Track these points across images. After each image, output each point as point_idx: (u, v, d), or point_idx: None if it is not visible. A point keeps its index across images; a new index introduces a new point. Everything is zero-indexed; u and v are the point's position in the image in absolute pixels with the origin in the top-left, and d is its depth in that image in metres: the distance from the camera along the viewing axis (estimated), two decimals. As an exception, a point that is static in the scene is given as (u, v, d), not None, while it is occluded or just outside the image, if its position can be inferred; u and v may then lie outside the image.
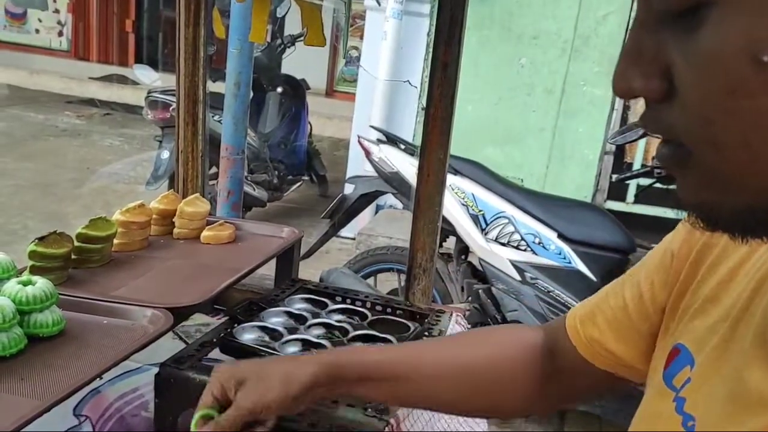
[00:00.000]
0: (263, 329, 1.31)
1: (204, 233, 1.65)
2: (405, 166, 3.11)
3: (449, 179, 2.64)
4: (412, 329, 1.38)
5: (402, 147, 3.27)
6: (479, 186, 3.01)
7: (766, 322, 0.58)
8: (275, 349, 1.23)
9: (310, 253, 3.49)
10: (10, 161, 6.68)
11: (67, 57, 11.87)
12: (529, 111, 4.92)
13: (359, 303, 1.51)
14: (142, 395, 1.32)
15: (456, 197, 2.99)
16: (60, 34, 12.03)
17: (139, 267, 1.46)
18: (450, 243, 3.29)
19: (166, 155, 4.84)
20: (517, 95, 4.93)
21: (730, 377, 0.56)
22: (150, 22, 11.99)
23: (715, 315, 0.63)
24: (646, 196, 4.48)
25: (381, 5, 5.05)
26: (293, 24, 6.30)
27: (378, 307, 1.51)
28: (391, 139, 3.34)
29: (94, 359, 1.06)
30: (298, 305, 1.46)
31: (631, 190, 4.94)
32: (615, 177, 3.44)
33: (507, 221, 2.94)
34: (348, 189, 3.77)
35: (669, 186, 3.22)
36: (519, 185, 3.27)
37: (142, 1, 11.96)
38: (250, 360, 0.93)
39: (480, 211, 2.97)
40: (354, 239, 4.74)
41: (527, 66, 4.89)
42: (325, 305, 1.46)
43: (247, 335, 1.29)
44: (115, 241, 1.49)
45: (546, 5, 4.76)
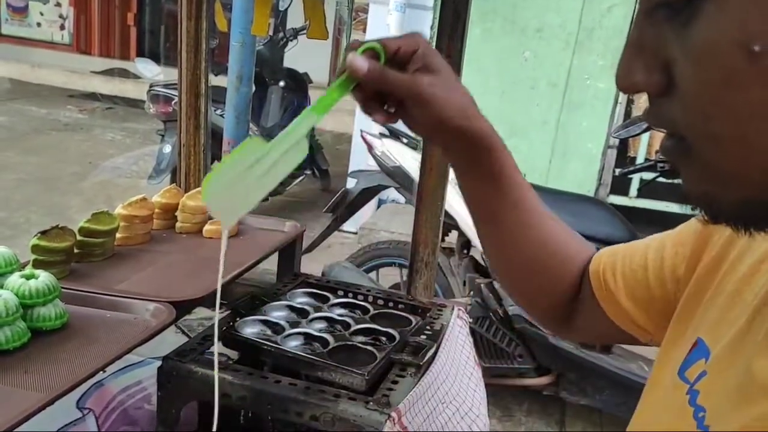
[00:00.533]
0: (265, 323, 1.32)
1: (206, 227, 1.65)
2: (407, 160, 3.11)
3: (452, 173, 2.63)
4: (414, 323, 1.38)
5: (404, 141, 3.26)
6: (482, 180, 3.01)
7: None
8: (277, 343, 1.23)
9: (312, 248, 3.49)
10: (12, 155, 6.69)
11: (69, 51, 11.87)
12: (533, 104, 4.91)
13: (361, 297, 1.51)
14: (145, 388, 1.33)
15: (458, 191, 2.98)
16: (62, 27, 12.02)
17: (142, 261, 1.47)
18: (452, 237, 3.29)
19: (168, 149, 4.84)
20: (521, 89, 4.92)
21: (741, 369, 0.56)
22: (152, 15, 11.97)
23: (735, 309, 0.62)
24: (649, 190, 4.48)
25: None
26: (296, 17, 6.30)
27: (380, 301, 1.51)
28: (394, 133, 3.34)
29: (96, 353, 1.07)
30: (300, 299, 1.46)
31: (634, 184, 4.94)
32: (618, 171, 3.44)
33: (510, 215, 2.93)
34: (350, 183, 3.77)
35: (672, 180, 3.22)
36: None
37: (144, -5, 11.97)
38: (441, 58, 0.82)
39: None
40: (356, 233, 4.75)
41: (531, 59, 4.88)
42: (327, 299, 1.46)
43: (249, 329, 1.29)
44: (118, 235, 1.49)
45: (550, -2, 4.76)
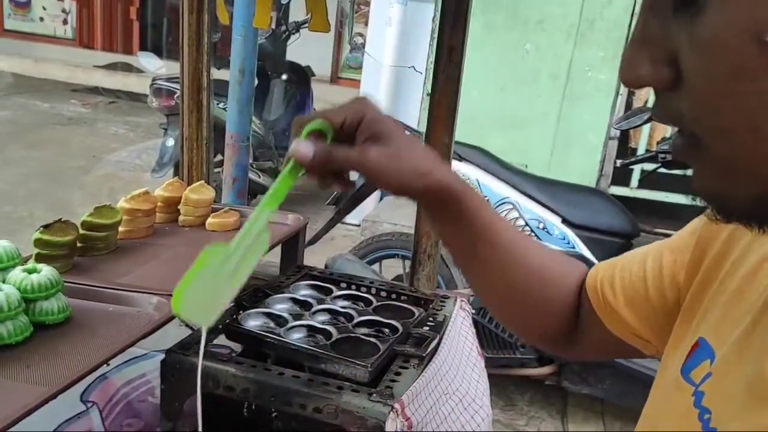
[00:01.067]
0: (268, 315, 1.32)
1: (209, 220, 1.65)
2: (409, 152, 3.10)
3: (454, 165, 2.63)
4: (416, 315, 1.39)
5: (407, 133, 3.26)
6: (484, 172, 3.01)
7: None
8: (280, 336, 1.23)
9: (315, 240, 3.49)
10: (16, 150, 6.70)
11: (72, 45, 11.85)
12: (534, 96, 4.91)
13: (364, 289, 1.51)
14: (148, 381, 1.33)
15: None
16: (64, 22, 12.00)
17: (145, 254, 1.47)
18: (455, 229, 3.28)
19: (171, 143, 4.84)
20: (522, 81, 4.91)
21: (749, 370, 0.55)
22: (154, 9, 11.94)
23: (738, 309, 0.61)
24: (650, 181, 4.46)
25: (385, -9, 5.03)
26: (298, 11, 6.29)
27: (383, 293, 1.51)
28: (396, 126, 3.33)
29: (100, 346, 1.07)
30: (303, 291, 1.46)
31: (635, 175, 4.93)
32: (619, 162, 3.43)
33: (511, 207, 2.94)
34: (353, 176, 3.76)
35: (673, 171, 3.22)
36: (523, 171, 3.26)
37: (146, -11, 11.94)
38: (389, 121, 0.86)
39: (484, 197, 2.97)
40: (359, 226, 4.75)
41: (532, 51, 4.87)
42: (330, 291, 1.46)
43: (253, 321, 1.30)
44: (121, 229, 1.50)
45: (551, -11, 4.74)
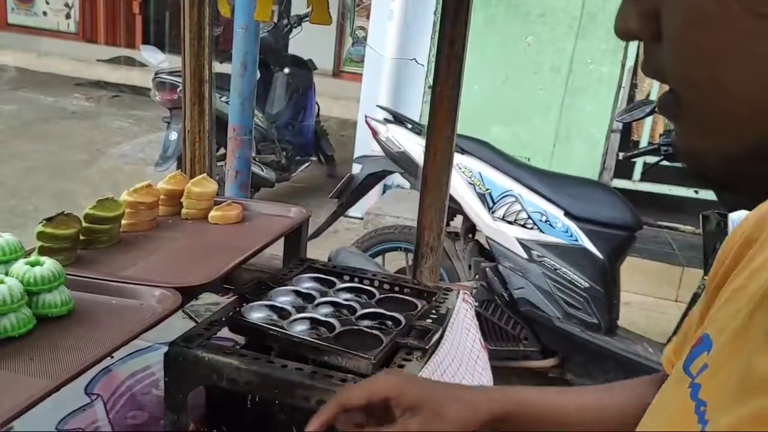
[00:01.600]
0: (272, 308, 1.32)
1: (212, 213, 1.66)
2: (412, 145, 3.11)
3: (456, 158, 2.63)
4: (419, 307, 1.39)
5: (409, 126, 3.26)
6: (486, 165, 3.01)
7: None
8: (283, 328, 1.24)
9: (318, 233, 3.50)
10: (20, 143, 6.70)
11: (75, 39, 11.84)
12: (536, 89, 4.90)
13: (367, 282, 1.52)
14: (153, 373, 1.34)
15: (463, 176, 2.98)
16: (67, 16, 11.99)
17: (148, 247, 1.47)
18: (457, 222, 3.29)
19: (174, 136, 4.84)
20: (524, 74, 4.90)
21: (742, 363, 0.55)
22: (157, 3, 11.92)
23: (738, 303, 0.61)
24: (652, 174, 4.46)
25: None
26: (299, 4, 6.29)
27: (386, 286, 1.51)
28: (398, 119, 3.33)
29: (102, 339, 1.07)
30: (306, 284, 1.47)
31: (638, 168, 4.91)
32: (622, 155, 3.44)
33: (514, 199, 2.94)
34: (355, 169, 3.77)
35: (676, 164, 3.21)
36: (526, 164, 3.26)
37: (149, -17, 11.93)
38: (416, 380, 0.88)
39: (487, 190, 2.97)
40: (362, 219, 4.75)
41: (534, 44, 4.85)
42: (333, 284, 1.47)
43: (256, 314, 1.30)
44: (123, 222, 1.50)
45: (553, -18, 4.73)
